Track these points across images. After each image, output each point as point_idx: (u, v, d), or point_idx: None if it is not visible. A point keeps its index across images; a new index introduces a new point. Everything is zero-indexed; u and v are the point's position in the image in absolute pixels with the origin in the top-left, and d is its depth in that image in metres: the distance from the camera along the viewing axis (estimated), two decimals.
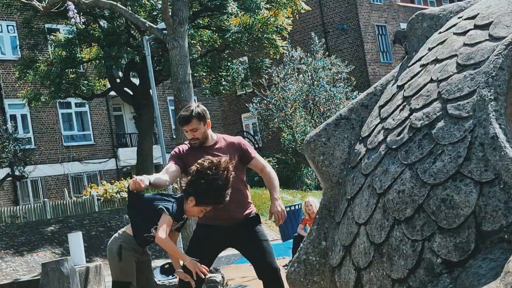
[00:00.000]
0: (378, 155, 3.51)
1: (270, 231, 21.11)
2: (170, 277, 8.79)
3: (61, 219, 19.80)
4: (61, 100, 25.42)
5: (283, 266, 12.31)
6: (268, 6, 22.12)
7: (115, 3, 14.01)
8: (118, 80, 24.48)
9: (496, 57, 3.26)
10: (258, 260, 5.28)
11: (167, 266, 8.99)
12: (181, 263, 4.87)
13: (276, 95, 24.81)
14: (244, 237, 5.26)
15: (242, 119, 37.16)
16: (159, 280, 8.70)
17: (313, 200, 10.89)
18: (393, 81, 3.92)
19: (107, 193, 25.37)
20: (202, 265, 4.68)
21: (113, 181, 27.98)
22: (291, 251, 11.82)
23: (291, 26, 23.60)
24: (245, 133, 36.61)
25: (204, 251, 5.20)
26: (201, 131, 5.21)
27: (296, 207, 17.63)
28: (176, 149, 5.35)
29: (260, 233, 5.31)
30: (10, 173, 23.03)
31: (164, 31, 14.03)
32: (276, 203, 5.27)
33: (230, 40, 22.43)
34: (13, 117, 28.21)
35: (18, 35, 27.50)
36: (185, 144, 5.38)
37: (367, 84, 30.20)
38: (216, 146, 5.25)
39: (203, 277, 4.81)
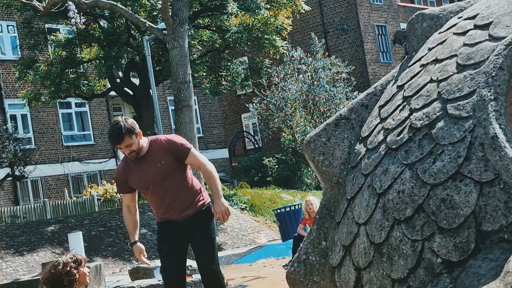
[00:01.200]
0: (378, 155, 3.51)
1: (270, 231, 21.11)
2: None
3: (61, 219, 19.81)
4: (61, 100, 25.41)
5: (283, 266, 12.31)
6: (268, 6, 22.12)
7: (115, 3, 14.02)
8: (118, 80, 24.47)
9: (496, 57, 3.26)
10: (199, 260, 5.43)
11: None
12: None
13: (276, 95, 24.80)
14: (194, 234, 5.39)
15: (242, 119, 37.15)
16: (159, 280, 8.71)
17: (314, 200, 10.86)
18: (393, 81, 3.92)
19: (107, 193, 25.40)
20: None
21: (113, 181, 27.99)
22: (291, 251, 11.81)
23: (291, 26, 23.60)
24: (245, 133, 36.61)
25: (171, 244, 5.42)
26: (136, 144, 5.19)
27: (296, 207, 17.62)
28: (116, 175, 5.54)
29: (208, 231, 5.39)
30: (10, 173, 23.03)
31: (164, 31, 14.04)
32: (219, 202, 5.25)
33: (230, 40, 22.43)
34: (13, 117, 28.21)
35: (18, 35, 27.49)
36: (122, 162, 5.50)
37: (367, 84, 30.20)
38: (150, 153, 5.27)
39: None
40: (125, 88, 24.27)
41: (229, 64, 24.21)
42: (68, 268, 4.69)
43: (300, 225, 11.34)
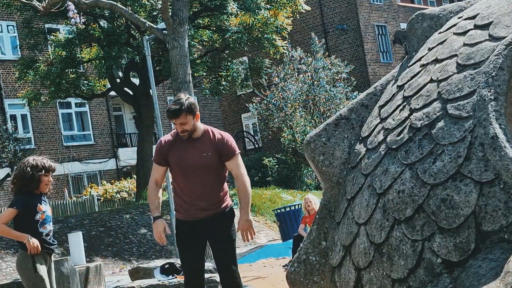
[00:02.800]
0: (378, 155, 3.51)
1: (270, 231, 21.11)
2: (170, 277, 8.79)
3: (61, 219, 19.79)
4: (61, 100, 25.42)
5: (283, 266, 12.31)
6: (268, 6, 22.12)
7: (115, 3, 14.02)
8: (118, 80, 24.48)
9: (496, 57, 3.26)
10: (219, 260, 5.42)
11: (167, 266, 9.00)
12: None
13: (276, 95, 24.79)
14: (215, 234, 5.38)
15: (242, 119, 37.15)
16: (159, 280, 8.71)
17: (313, 197, 10.93)
18: (393, 81, 3.92)
19: (107, 193, 25.40)
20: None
21: (113, 181, 28.00)
22: (291, 251, 11.82)
23: (291, 26, 23.59)
24: (245, 133, 36.61)
25: (190, 238, 5.39)
26: (190, 124, 5.24)
27: (296, 207, 17.62)
28: (159, 144, 5.45)
29: (229, 232, 5.39)
30: (10, 173, 23.03)
31: (164, 31, 14.03)
32: (245, 218, 5.27)
33: (230, 40, 22.43)
34: (13, 117, 28.22)
35: (18, 35, 27.49)
36: (170, 135, 5.46)
37: (367, 84, 30.19)
38: (201, 141, 5.31)
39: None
40: (125, 88, 24.27)
41: (229, 64, 24.20)
42: (31, 171, 5.47)
43: (301, 225, 11.35)
